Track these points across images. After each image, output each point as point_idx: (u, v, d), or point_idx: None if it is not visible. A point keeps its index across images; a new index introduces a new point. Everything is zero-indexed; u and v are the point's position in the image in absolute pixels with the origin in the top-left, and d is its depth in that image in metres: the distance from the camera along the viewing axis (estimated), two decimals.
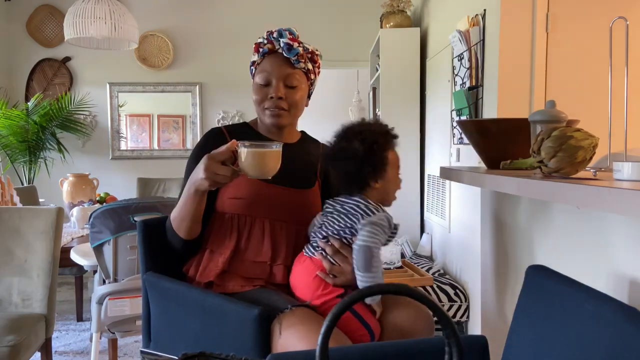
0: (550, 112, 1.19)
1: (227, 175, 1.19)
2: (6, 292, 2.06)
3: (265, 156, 1.18)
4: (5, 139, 4.18)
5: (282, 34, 1.39)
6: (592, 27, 2.02)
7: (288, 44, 1.37)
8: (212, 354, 0.81)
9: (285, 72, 1.38)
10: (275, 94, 1.37)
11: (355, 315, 1.25)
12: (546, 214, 1.32)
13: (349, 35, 4.74)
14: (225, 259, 1.34)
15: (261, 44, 1.40)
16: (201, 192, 1.26)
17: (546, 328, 0.98)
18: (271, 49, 1.40)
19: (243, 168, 1.18)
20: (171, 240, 1.40)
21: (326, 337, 0.63)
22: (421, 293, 0.66)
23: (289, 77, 1.39)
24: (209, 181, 1.19)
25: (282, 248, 1.38)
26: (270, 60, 1.40)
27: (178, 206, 1.34)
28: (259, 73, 1.40)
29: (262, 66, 1.41)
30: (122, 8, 3.41)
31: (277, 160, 1.20)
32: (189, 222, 1.32)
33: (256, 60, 1.42)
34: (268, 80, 1.39)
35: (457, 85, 2.71)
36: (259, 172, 1.19)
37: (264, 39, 1.40)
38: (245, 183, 1.36)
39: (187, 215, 1.31)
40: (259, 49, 1.41)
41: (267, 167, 1.19)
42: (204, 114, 4.80)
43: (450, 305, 2.55)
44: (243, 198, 1.36)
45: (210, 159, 1.19)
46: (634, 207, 0.73)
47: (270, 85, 1.39)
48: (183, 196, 1.31)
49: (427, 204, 3.47)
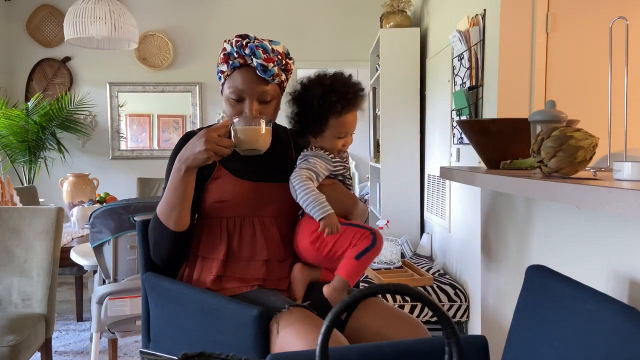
0: (550, 112, 1.19)
1: (228, 146, 1.22)
2: (6, 292, 2.06)
3: (257, 132, 1.26)
4: (5, 139, 4.18)
5: (256, 53, 1.28)
6: (592, 27, 2.02)
7: (263, 66, 1.28)
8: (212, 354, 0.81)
9: (259, 89, 1.31)
10: (250, 113, 1.31)
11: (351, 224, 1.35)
12: (546, 214, 1.32)
13: (349, 35, 4.74)
14: (218, 264, 1.33)
15: (230, 56, 1.30)
16: (192, 170, 1.27)
17: (546, 328, 0.98)
18: (242, 64, 1.30)
19: (238, 144, 1.25)
20: (157, 240, 1.37)
21: (326, 337, 0.63)
22: (421, 293, 0.66)
23: (263, 94, 1.32)
24: (208, 152, 1.21)
25: (277, 243, 1.38)
26: (242, 75, 1.31)
27: (164, 198, 1.32)
28: (230, 87, 1.32)
29: (233, 80, 1.32)
30: (122, 8, 3.41)
31: (268, 137, 1.29)
32: (179, 210, 1.31)
33: (225, 71, 1.33)
34: (240, 97, 1.32)
35: (457, 85, 2.71)
36: (252, 146, 1.26)
37: (233, 51, 1.29)
38: (228, 185, 1.36)
39: (178, 201, 1.30)
40: (228, 60, 1.30)
41: (259, 142, 1.27)
42: (204, 114, 4.80)
43: (450, 305, 2.55)
44: (228, 200, 1.35)
45: (210, 131, 1.23)
46: (634, 207, 0.73)
47: (244, 102, 1.32)
48: (170, 184, 1.30)
49: (427, 204, 3.47)
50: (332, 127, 1.35)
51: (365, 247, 1.32)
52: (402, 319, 1.31)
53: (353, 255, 1.31)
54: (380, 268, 2.84)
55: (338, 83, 1.34)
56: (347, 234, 1.33)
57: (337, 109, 1.33)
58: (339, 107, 1.33)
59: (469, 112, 2.43)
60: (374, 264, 2.88)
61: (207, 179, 1.38)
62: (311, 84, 1.36)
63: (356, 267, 1.31)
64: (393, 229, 3.39)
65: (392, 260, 2.90)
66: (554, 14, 2.04)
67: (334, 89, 1.33)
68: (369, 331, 1.29)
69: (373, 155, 4.10)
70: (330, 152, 1.39)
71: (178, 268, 1.43)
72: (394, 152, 3.56)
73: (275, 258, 1.37)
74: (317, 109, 1.33)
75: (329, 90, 1.32)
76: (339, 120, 1.35)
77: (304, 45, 4.62)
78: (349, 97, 1.34)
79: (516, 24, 2.08)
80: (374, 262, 2.89)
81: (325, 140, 1.38)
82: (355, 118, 1.38)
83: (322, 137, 1.37)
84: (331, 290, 1.30)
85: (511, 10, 2.08)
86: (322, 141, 1.38)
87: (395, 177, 3.56)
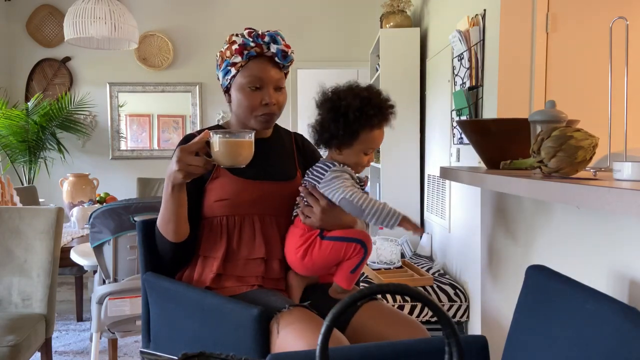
0: (550, 112, 1.19)
1: (199, 165, 1.17)
2: (6, 292, 2.06)
3: (237, 145, 1.19)
4: (5, 139, 4.18)
5: (276, 40, 1.34)
6: (592, 27, 2.02)
7: (283, 52, 1.34)
8: (212, 354, 0.81)
9: (277, 76, 1.36)
10: (270, 100, 1.35)
11: (337, 239, 1.31)
12: (546, 214, 1.32)
13: (349, 35, 4.74)
14: (218, 263, 1.33)
15: (246, 46, 1.33)
16: (178, 187, 1.24)
17: (546, 328, 0.98)
18: (259, 53, 1.34)
19: (216, 158, 1.18)
20: (162, 248, 1.38)
21: (326, 337, 0.63)
22: (421, 293, 0.66)
23: (280, 81, 1.37)
24: (182, 173, 1.18)
25: (276, 242, 1.38)
26: (259, 64, 1.35)
27: (161, 210, 1.32)
28: (248, 77, 1.34)
29: (250, 70, 1.34)
30: (122, 8, 3.41)
31: (249, 149, 1.21)
32: (175, 223, 1.30)
33: (238, 62, 1.35)
34: (259, 85, 1.34)
35: (457, 85, 2.71)
36: (231, 161, 1.19)
37: (248, 41, 1.33)
38: (229, 183, 1.36)
39: (171, 215, 1.29)
40: (243, 51, 1.33)
41: (240, 156, 1.19)
42: (204, 114, 4.80)
43: (450, 305, 2.55)
44: (228, 199, 1.35)
45: (183, 150, 1.18)
46: (634, 207, 0.73)
47: (261, 90, 1.35)
48: (163, 198, 1.29)
49: (427, 204, 3.47)
50: (362, 141, 1.31)
51: (359, 261, 1.33)
52: (403, 320, 1.32)
53: (349, 270, 1.33)
54: (380, 268, 2.84)
55: (375, 97, 1.31)
56: (335, 249, 1.31)
57: (373, 122, 1.30)
58: (375, 121, 1.30)
59: (469, 112, 2.43)
60: (374, 264, 2.88)
61: (206, 180, 1.38)
62: (346, 94, 1.31)
63: (353, 276, 1.34)
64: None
65: (392, 260, 2.90)
66: (554, 14, 2.04)
67: (372, 102, 1.29)
68: (369, 331, 1.29)
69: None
70: (354, 167, 1.35)
71: (180, 268, 1.43)
72: (394, 152, 3.56)
73: (274, 257, 1.38)
74: (351, 121, 1.28)
75: (366, 102, 1.29)
76: (370, 135, 1.31)
77: (304, 45, 4.62)
78: (384, 112, 1.31)
79: (516, 24, 2.08)
80: (374, 262, 2.89)
81: (352, 154, 1.33)
82: (383, 135, 1.35)
83: (349, 150, 1.32)
84: (335, 294, 1.36)
85: (511, 10, 2.08)
86: (348, 155, 1.33)
87: (395, 177, 3.56)
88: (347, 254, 1.30)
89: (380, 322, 1.30)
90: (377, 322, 1.30)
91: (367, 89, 1.33)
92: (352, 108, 1.28)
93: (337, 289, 1.36)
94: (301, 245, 1.33)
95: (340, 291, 1.35)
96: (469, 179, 1.43)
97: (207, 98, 4.79)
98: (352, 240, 1.32)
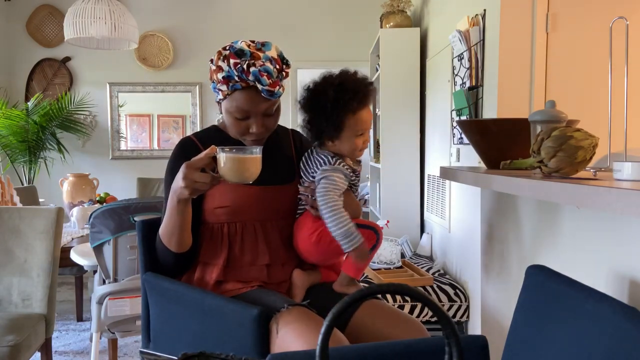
0: (550, 112, 1.19)
1: (206, 182, 1.16)
2: (6, 292, 2.06)
3: (245, 162, 1.16)
4: (5, 139, 4.18)
5: (261, 80, 1.22)
6: (592, 27, 2.02)
7: (269, 91, 1.24)
8: (212, 354, 0.81)
9: (264, 106, 1.28)
10: (257, 130, 1.30)
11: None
12: (546, 213, 1.32)
13: (349, 35, 4.74)
14: (219, 270, 1.32)
15: (231, 79, 1.23)
16: (184, 201, 1.22)
17: (546, 328, 0.98)
18: (244, 86, 1.24)
19: (223, 174, 1.16)
20: (163, 258, 1.36)
21: (326, 337, 0.63)
22: (421, 293, 0.66)
23: (269, 109, 1.30)
24: (188, 190, 1.16)
25: (279, 247, 1.37)
26: (245, 95, 1.25)
27: (164, 221, 1.30)
28: (233, 107, 1.27)
29: (235, 100, 1.26)
30: (122, 8, 3.41)
31: (257, 166, 1.18)
32: (178, 235, 1.29)
33: (225, 90, 1.26)
34: (245, 116, 1.29)
35: (457, 85, 2.71)
36: (239, 178, 1.16)
37: (233, 74, 1.22)
38: (229, 190, 1.33)
39: (176, 227, 1.27)
40: (228, 82, 1.24)
41: (247, 172, 1.16)
42: (204, 114, 4.80)
43: (450, 305, 2.55)
44: (229, 206, 1.33)
45: (189, 167, 1.16)
46: (634, 207, 0.73)
47: (248, 120, 1.30)
48: (167, 210, 1.27)
49: (427, 204, 3.47)
50: (349, 127, 1.30)
51: (370, 248, 1.33)
52: (403, 319, 1.31)
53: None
54: (380, 268, 2.84)
55: (348, 81, 1.30)
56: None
57: (352, 107, 1.28)
58: (354, 104, 1.28)
59: (469, 112, 2.43)
60: (373, 264, 2.88)
61: None
62: (319, 87, 1.31)
63: (362, 266, 1.33)
64: (393, 229, 3.39)
65: (392, 260, 2.90)
66: (554, 14, 2.04)
67: (345, 87, 1.28)
68: (369, 331, 1.29)
69: (373, 155, 4.10)
70: (351, 154, 1.35)
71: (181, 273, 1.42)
72: (394, 152, 3.56)
73: (277, 262, 1.37)
74: (330, 112, 1.28)
75: (339, 89, 1.28)
76: (354, 119, 1.30)
77: (304, 45, 4.62)
78: (361, 93, 1.30)
79: (516, 24, 2.08)
80: (374, 262, 2.89)
81: (344, 141, 1.32)
82: (370, 114, 1.34)
83: (340, 140, 1.32)
84: (340, 287, 1.35)
85: (511, 10, 2.08)
86: (341, 144, 1.33)
87: (395, 177, 3.56)
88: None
89: (380, 322, 1.30)
90: (377, 322, 1.30)
91: (340, 75, 1.32)
92: (329, 99, 1.28)
93: (342, 281, 1.34)
94: (314, 231, 1.32)
95: (346, 283, 1.34)
96: (469, 179, 1.43)
97: (207, 98, 4.79)
98: (365, 227, 1.33)
